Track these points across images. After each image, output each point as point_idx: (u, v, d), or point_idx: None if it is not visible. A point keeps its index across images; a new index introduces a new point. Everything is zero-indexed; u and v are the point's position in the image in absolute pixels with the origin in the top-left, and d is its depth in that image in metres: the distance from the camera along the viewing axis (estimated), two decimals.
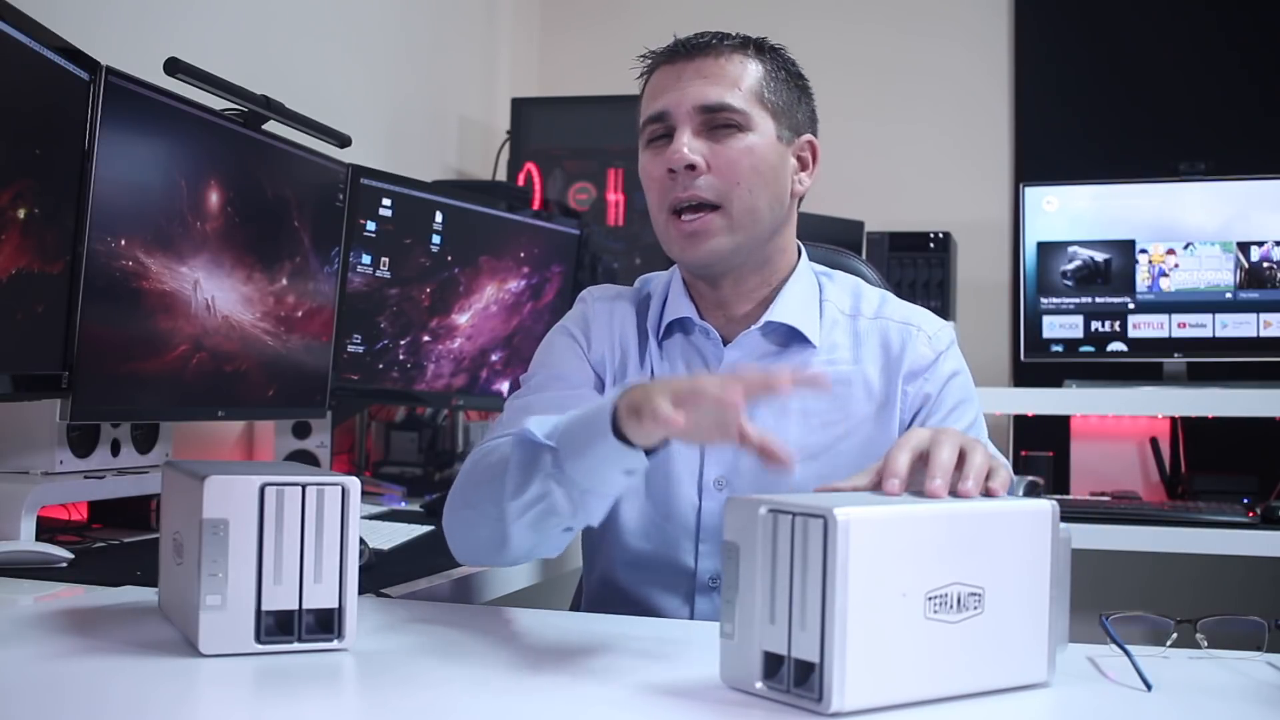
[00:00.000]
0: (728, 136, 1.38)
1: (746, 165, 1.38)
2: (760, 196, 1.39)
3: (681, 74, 1.40)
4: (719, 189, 1.37)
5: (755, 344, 1.44)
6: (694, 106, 1.38)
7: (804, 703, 0.91)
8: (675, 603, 1.46)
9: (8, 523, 1.55)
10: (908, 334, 1.45)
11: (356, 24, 2.80)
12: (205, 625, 1.03)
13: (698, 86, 1.38)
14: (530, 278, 2.49)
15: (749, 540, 0.94)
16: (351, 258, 2.13)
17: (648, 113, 1.42)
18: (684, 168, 1.36)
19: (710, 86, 1.38)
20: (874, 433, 1.41)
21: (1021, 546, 1.00)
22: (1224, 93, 3.17)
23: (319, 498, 1.07)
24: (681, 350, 1.47)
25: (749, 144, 1.38)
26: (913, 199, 3.36)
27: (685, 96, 1.38)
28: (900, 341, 1.44)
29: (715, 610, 1.42)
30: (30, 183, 1.44)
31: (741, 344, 1.44)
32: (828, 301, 1.47)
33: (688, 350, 1.47)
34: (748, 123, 1.38)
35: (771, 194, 1.41)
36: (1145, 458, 3.01)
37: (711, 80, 1.39)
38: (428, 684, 1.01)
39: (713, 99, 1.38)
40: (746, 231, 1.39)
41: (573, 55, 3.64)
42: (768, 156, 1.40)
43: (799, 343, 1.44)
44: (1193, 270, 2.91)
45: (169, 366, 1.72)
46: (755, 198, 1.39)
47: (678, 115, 1.38)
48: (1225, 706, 1.01)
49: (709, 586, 1.44)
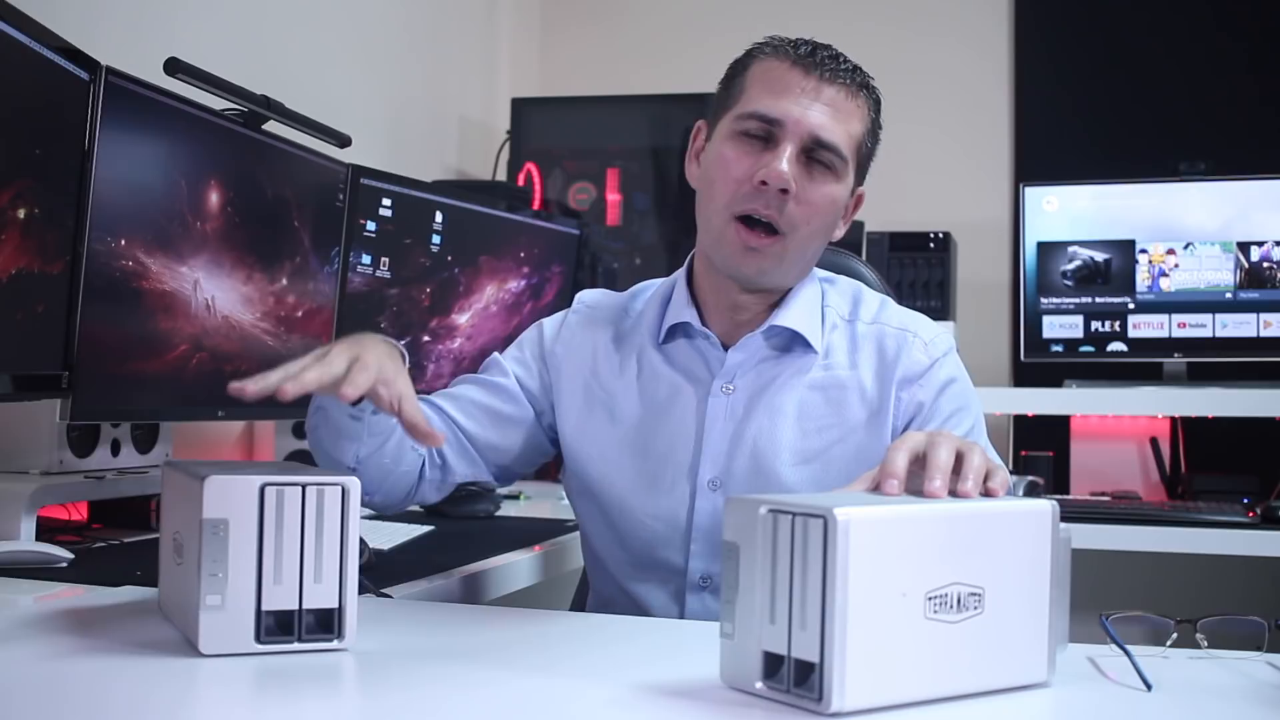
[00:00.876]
0: (821, 176, 1.38)
1: (823, 210, 1.39)
2: (816, 239, 1.42)
3: (810, 92, 1.37)
4: (793, 219, 1.37)
5: (757, 347, 1.45)
6: (811, 133, 1.36)
7: (804, 703, 0.91)
8: (665, 600, 1.47)
9: (8, 523, 1.55)
10: (903, 340, 1.44)
11: (356, 24, 2.80)
12: (205, 625, 1.03)
13: (823, 115, 1.36)
14: (530, 278, 2.49)
15: (749, 540, 0.94)
16: (351, 258, 2.12)
17: (757, 106, 1.37)
18: (779, 189, 1.35)
19: (834, 122, 1.37)
20: (866, 439, 1.41)
21: (1021, 546, 1.00)
22: (1224, 93, 3.17)
23: (319, 498, 1.07)
24: (684, 353, 1.48)
25: (832, 193, 1.39)
26: (913, 199, 3.36)
27: (809, 119, 1.36)
28: (895, 347, 1.44)
29: (705, 609, 1.44)
30: (30, 183, 1.44)
31: (743, 347, 1.44)
32: (829, 307, 1.48)
33: (690, 353, 1.48)
34: (841, 170, 1.39)
35: (823, 238, 1.44)
36: (1145, 458, 3.01)
37: (837, 117, 1.37)
38: (428, 684, 1.01)
39: (830, 137, 1.36)
40: (794, 265, 1.42)
41: (573, 55, 3.64)
42: (838, 205, 1.41)
43: (800, 347, 1.44)
44: (1193, 270, 2.91)
45: (169, 366, 1.72)
46: (814, 240, 1.41)
47: (790, 131, 1.36)
48: (1225, 706, 1.01)
49: (699, 586, 1.45)
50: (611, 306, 1.56)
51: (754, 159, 1.36)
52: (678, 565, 1.45)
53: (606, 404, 1.49)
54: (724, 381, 1.44)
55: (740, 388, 1.44)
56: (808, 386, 1.43)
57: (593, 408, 1.50)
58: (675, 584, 1.46)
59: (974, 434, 1.42)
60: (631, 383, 1.48)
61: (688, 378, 1.46)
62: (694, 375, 1.46)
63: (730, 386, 1.44)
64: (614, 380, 1.50)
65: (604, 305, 1.57)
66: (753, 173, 1.35)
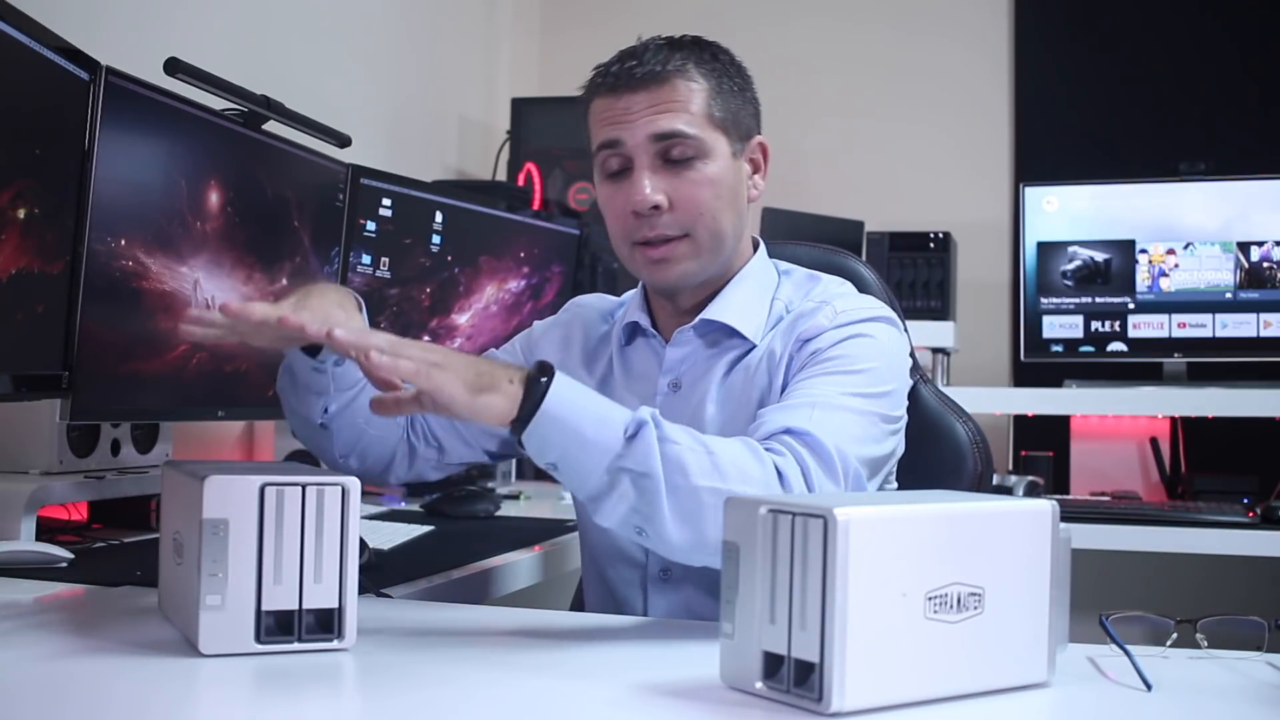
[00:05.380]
0: (686, 168, 1.39)
1: (708, 197, 1.40)
2: (723, 220, 1.42)
3: (631, 104, 1.39)
4: (683, 223, 1.40)
5: (690, 341, 1.47)
6: (648, 137, 1.38)
7: (804, 703, 0.91)
8: (634, 594, 1.49)
9: (8, 523, 1.56)
10: (818, 309, 1.42)
11: (356, 24, 2.80)
12: (205, 625, 1.03)
13: (649, 117, 1.38)
14: (530, 278, 2.49)
15: (749, 540, 0.94)
16: (351, 258, 2.12)
17: (600, 139, 1.42)
18: (649, 209, 1.38)
19: (661, 116, 1.38)
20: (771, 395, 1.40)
21: (1021, 546, 1.00)
22: (1224, 93, 3.17)
23: (319, 498, 1.07)
24: (641, 354, 1.52)
25: (708, 174, 1.39)
26: (913, 199, 3.36)
27: (638, 128, 1.38)
28: (807, 314, 1.42)
29: (668, 603, 1.46)
30: (30, 183, 1.44)
31: (678, 341, 1.47)
32: (778, 300, 1.48)
33: (646, 353, 1.51)
34: (703, 149, 1.39)
35: (733, 213, 1.43)
36: (1145, 458, 3.01)
37: (662, 109, 1.38)
38: (428, 684, 1.01)
39: (665, 128, 1.38)
40: (713, 254, 1.43)
41: (573, 55, 3.62)
42: (726, 179, 1.41)
43: (737, 339, 1.45)
44: (1193, 270, 2.91)
45: (169, 366, 1.72)
46: (719, 223, 1.41)
47: (633, 148, 1.39)
48: (1225, 706, 1.01)
49: (659, 578, 1.47)
50: (598, 309, 1.61)
51: (623, 191, 1.41)
52: (639, 559, 1.48)
53: None
54: (669, 378, 1.47)
55: (685, 383, 1.47)
56: (733, 371, 1.45)
57: None
58: (638, 574, 1.49)
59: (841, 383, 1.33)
60: (595, 385, 1.51)
61: (640, 379, 1.50)
62: (646, 375, 1.50)
63: (677, 383, 1.47)
64: (585, 378, 1.52)
65: (591, 308, 1.61)
66: (625, 205, 1.40)
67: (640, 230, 1.40)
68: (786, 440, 1.25)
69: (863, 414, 1.31)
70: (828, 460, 1.24)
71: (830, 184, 3.41)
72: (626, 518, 1.18)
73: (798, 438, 1.25)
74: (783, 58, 3.32)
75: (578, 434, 1.15)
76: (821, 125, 3.42)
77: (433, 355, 1.15)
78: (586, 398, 1.19)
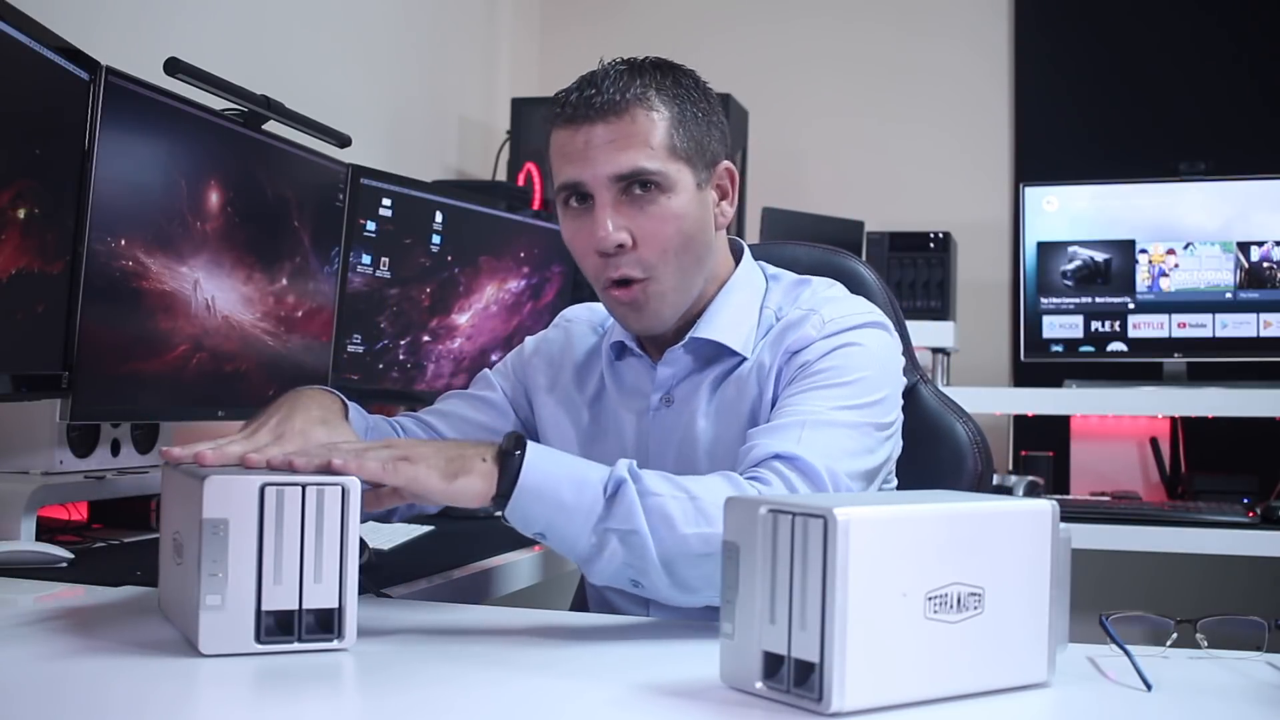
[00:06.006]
0: (648, 202, 1.35)
1: (672, 233, 1.36)
2: (688, 258, 1.38)
3: (590, 139, 1.34)
4: (647, 264, 1.36)
5: (680, 360, 1.45)
6: (609, 176, 1.34)
7: (804, 703, 0.91)
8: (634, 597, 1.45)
9: (8, 523, 1.56)
10: (805, 318, 1.40)
11: (356, 24, 2.80)
12: (205, 625, 1.03)
13: (608, 154, 1.33)
14: (530, 278, 2.49)
15: (749, 540, 0.94)
16: (351, 258, 2.12)
17: (560, 179, 1.38)
18: (614, 248, 1.35)
19: (621, 153, 1.33)
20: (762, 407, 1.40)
21: (1021, 546, 1.00)
22: (1224, 93, 3.17)
23: (319, 498, 1.07)
24: (632, 367, 1.50)
25: (671, 210, 1.35)
26: (913, 199, 3.36)
27: (597, 166, 1.34)
28: (795, 323, 1.41)
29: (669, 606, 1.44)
30: (30, 183, 1.44)
31: (669, 361, 1.45)
32: (766, 308, 1.46)
33: (637, 366, 1.49)
34: (666, 182, 1.35)
35: (699, 246, 1.39)
36: (1145, 458, 3.01)
37: (620, 144, 1.33)
38: (428, 684, 1.01)
39: (625, 166, 1.33)
40: (682, 292, 1.40)
41: (573, 55, 3.61)
42: (690, 213, 1.37)
43: (727, 353, 1.43)
44: (1193, 270, 2.91)
45: (169, 366, 1.72)
46: (684, 260, 1.38)
47: (593, 186, 1.35)
48: (1225, 706, 1.01)
49: None
50: (588, 322, 1.59)
51: (586, 229, 1.37)
52: None
53: (571, 416, 1.52)
54: (660, 394, 1.46)
55: (677, 399, 1.45)
56: (724, 385, 1.44)
57: (559, 420, 1.52)
58: None
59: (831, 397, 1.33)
60: (588, 400, 1.51)
61: (632, 394, 1.48)
62: (638, 391, 1.48)
63: (669, 398, 1.45)
64: (576, 395, 1.52)
65: (581, 321, 1.59)
66: (588, 244, 1.37)
67: (606, 271, 1.38)
68: (775, 466, 1.24)
69: (854, 426, 1.31)
70: (818, 483, 1.24)
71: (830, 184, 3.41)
72: (619, 573, 1.19)
73: (787, 462, 1.25)
74: (782, 57, 3.32)
75: (558, 502, 1.16)
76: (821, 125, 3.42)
77: (399, 450, 1.15)
78: (562, 463, 1.19)
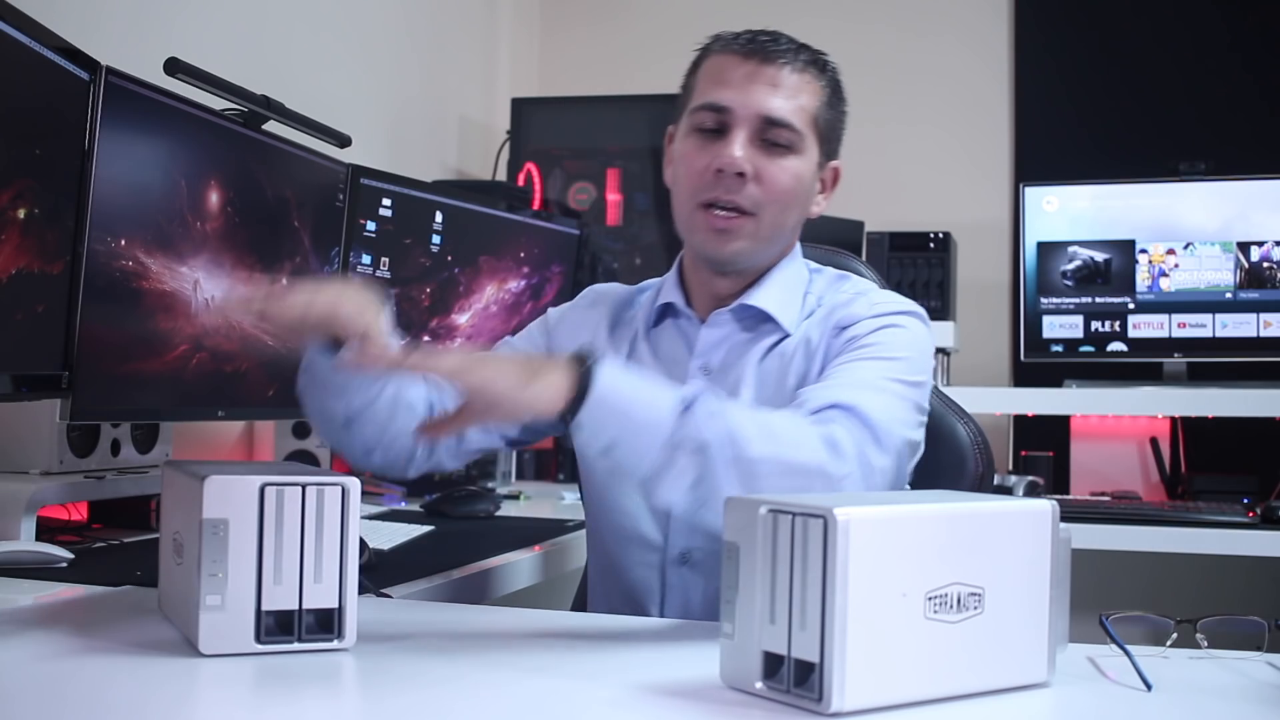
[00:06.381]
0: (779, 154, 1.40)
1: (788, 186, 1.41)
2: (790, 215, 1.44)
3: (753, 74, 1.39)
4: (757, 200, 1.40)
5: (727, 324, 1.47)
6: (758, 114, 1.38)
7: (804, 703, 0.91)
8: (651, 577, 1.48)
9: (8, 523, 1.56)
10: (854, 299, 1.45)
11: (357, 24, 2.80)
12: (205, 625, 1.03)
13: (766, 94, 1.39)
14: (530, 278, 2.49)
15: (749, 540, 0.94)
16: (351, 258, 2.12)
17: (705, 99, 1.41)
18: (734, 173, 1.38)
19: (779, 99, 1.39)
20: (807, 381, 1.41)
21: (1021, 546, 1.00)
22: (1224, 93, 3.17)
23: (319, 498, 1.07)
24: (669, 337, 1.51)
25: (795, 169, 1.41)
26: (913, 199, 3.36)
27: (752, 100, 1.38)
28: (843, 303, 1.45)
29: (683, 582, 1.47)
30: (30, 183, 1.44)
31: (714, 323, 1.48)
32: (810, 294, 1.50)
33: (674, 336, 1.51)
34: (800, 145, 1.41)
35: (798, 214, 1.46)
36: (1145, 458, 3.01)
37: (781, 92, 1.39)
38: (428, 684, 1.01)
39: (779, 114, 1.39)
40: (769, 242, 1.44)
41: (573, 55, 3.64)
42: (804, 181, 1.43)
43: (772, 326, 1.46)
44: (1193, 270, 2.91)
45: (169, 366, 1.72)
46: (785, 216, 1.43)
47: (739, 116, 1.39)
48: (1225, 706, 1.01)
49: (679, 560, 1.47)
50: (617, 295, 1.60)
51: (710, 150, 1.40)
52: (657, 542, 1.48)
53: None
54: (700, 361, 1.47)
55: (717, 368, 1.47)
56: (768, 357, 1.46)
57: None
58: (657, 558, 1.48)
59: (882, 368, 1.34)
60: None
61: (669, 362, 1.49)
62: (675, 359, 1.49)
63: (708, 367, 1.47)
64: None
65: (609, 293, 1.61)
66: (709, 162, 1.39)
67: (715, 190, 1.39)
68: (834, 414, 1.24)
69: (903, 399, 1.32)
70: (876, 434, 1.24)
71: None
72: (685, 494, 1.17)
73: (845, 411, 1.25)
74: None
75: (629, 415, 1.15)
76: None
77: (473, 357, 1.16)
78: (634, 378, 1.19)
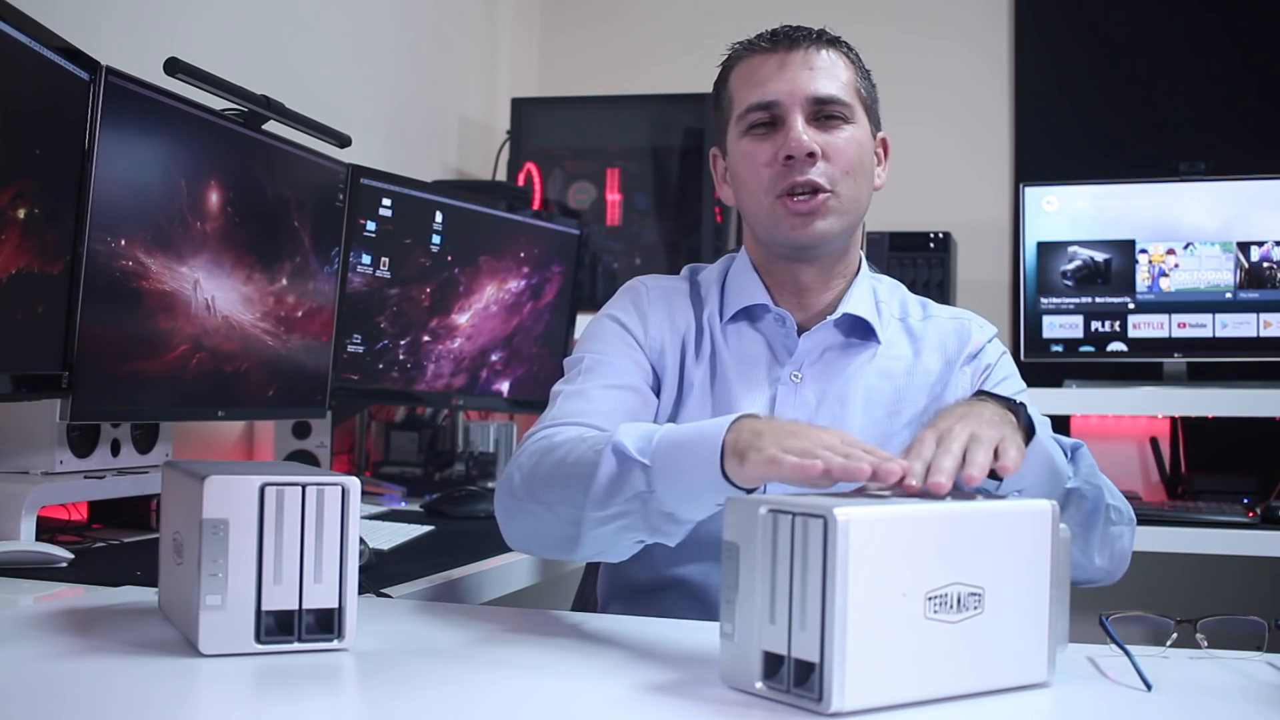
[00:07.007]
0: (835, 128, 1.44)
1: (854, 155, 1.45)
2: (862, 185, 1.47)
3: (786, 64, 1.44)
4: (831, 175, 1.43)
5: (828, 334, 1.49)
6: (806, 97, 1.43)
7: (804, 703, 0.91)
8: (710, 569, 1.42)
9: (8, 523, 1.55)
10: (961, 325, 1.53)
11: (356, 24, 2.80)
12: (205, 625, 1.03)
13: (807, 77, 1.44)
14: (530, 278, 2.49)
15: (749, 540, 0.94)
16: (351, 258, 2.13)
17: (752, 100, 1.45)
18: (804, 155, 1.41)
19: (820, 78, 1.44)
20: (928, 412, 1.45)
21: (1021, 546, 1.00)
22: (1224, 93, 3.17)
23: (319, 498, 1.07)
24: (749, 338, 1.50)
25: (855, 136, 1.45)
26: (913, 199, 3.35)
27: (797, 86, 1.43)
28: (956, 330, 1.52)
29: None
30: (30, 183, 1.44)
31: (815, 334, 1.48)
32: (882, 303, 1.53)
33: (755, 337, 1.50)
34: (851, 115, 1.45)
35: (868, 184, 1.49)
36: (1145, 458, 3.01)
37: (819, 72, 1.44)
38: (427, 684, 1.01)
39: (824, 91, 1.43)
40: (850, 216, 1.46)
41: (573, 55, 3.64)
42: (866, 147, 1.47)
43: (863, 336, 1.49)
44: (1193, 270, 2.91)
45: (169, 366, 1.72)
46: (859, 186, 1.46)
47: (789, 104, 1.43)
48: (1225, 706, 1.01)
49: None
50: (680, 290, 1.55)
51: (772, 143, 1.43)
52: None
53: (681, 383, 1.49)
54: (792, 369, 1.47)
55: (807, 377, 1.47)
56: (875, 375, 1.48)
57: (669, 387, 1.49)
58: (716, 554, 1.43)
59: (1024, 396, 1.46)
60: (704, 363, 1.49)
61: (754, 364, 1.48)
62: (760, 361, 1.48)
63: (798, 375, 1.46)
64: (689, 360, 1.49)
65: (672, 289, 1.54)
66: (775, 154, 1.42)
67: (789, 177, 1.42)
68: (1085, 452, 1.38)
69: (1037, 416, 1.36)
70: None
71: None
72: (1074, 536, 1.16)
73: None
74: None
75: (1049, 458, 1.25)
76: None
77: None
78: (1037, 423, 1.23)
